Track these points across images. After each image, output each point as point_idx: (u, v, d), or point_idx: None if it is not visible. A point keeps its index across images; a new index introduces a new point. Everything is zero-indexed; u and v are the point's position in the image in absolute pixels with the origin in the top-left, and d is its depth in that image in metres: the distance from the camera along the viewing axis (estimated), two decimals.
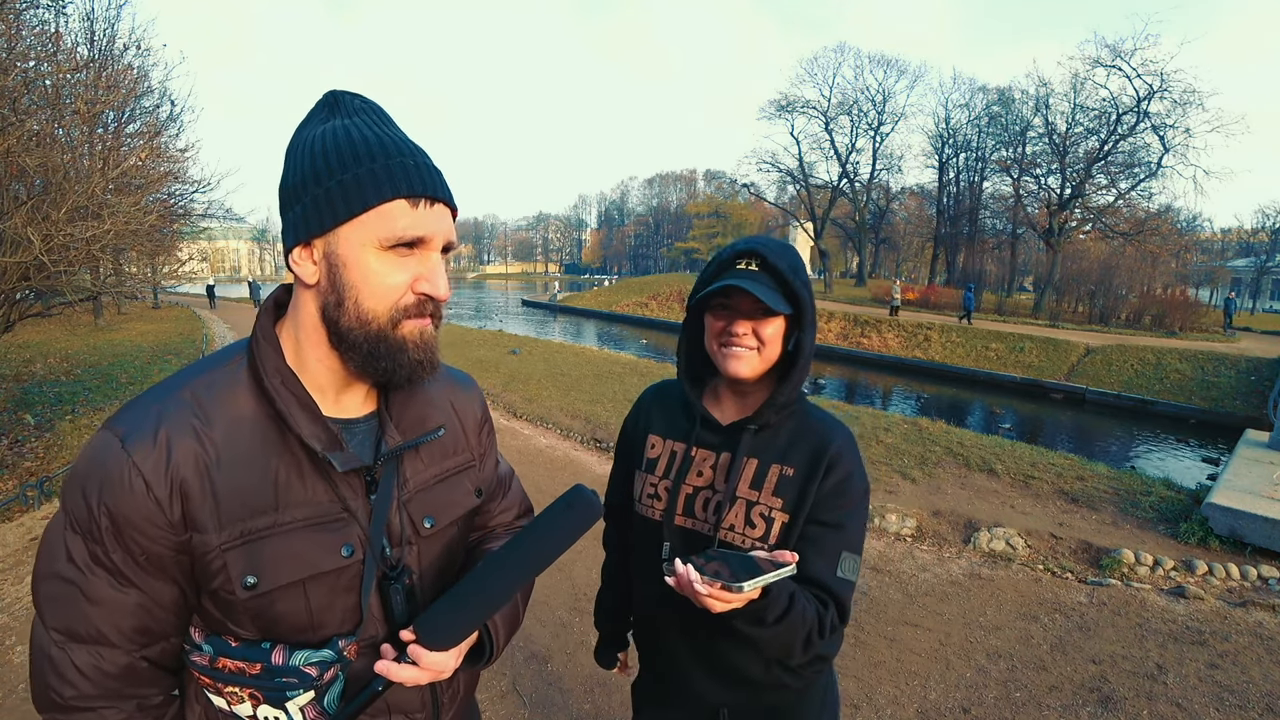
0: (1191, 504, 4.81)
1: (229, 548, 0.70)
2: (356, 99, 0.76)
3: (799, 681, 1.16)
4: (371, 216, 0.69)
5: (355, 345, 0.73)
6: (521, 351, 13.24)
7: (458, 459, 0.91)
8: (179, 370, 0.78)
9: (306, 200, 0.71)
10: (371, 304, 0.71)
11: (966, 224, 36.83)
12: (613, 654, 1.45)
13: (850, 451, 1.13)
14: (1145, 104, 25.23)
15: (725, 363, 1.12)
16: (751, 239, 1.12)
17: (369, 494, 0.79)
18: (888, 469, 5.76)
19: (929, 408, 14.24)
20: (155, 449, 0.68)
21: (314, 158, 0.71)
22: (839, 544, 1.09)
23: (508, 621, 0.91)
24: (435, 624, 0.76)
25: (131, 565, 0.70)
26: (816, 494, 1.09)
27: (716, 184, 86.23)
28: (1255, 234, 49.12)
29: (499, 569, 0.76)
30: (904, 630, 3.27)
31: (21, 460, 5.53)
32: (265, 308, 0.79)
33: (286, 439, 0.74)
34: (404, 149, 0.72)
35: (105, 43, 11.22)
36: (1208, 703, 2.71)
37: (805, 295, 1.09)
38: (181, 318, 21.78)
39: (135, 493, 0.67)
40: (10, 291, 5.17)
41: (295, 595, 0.74)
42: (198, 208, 11.32)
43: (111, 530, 0.68)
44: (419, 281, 0.73)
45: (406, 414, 0.85)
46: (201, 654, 0.77)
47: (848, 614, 1.09)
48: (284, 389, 0.74)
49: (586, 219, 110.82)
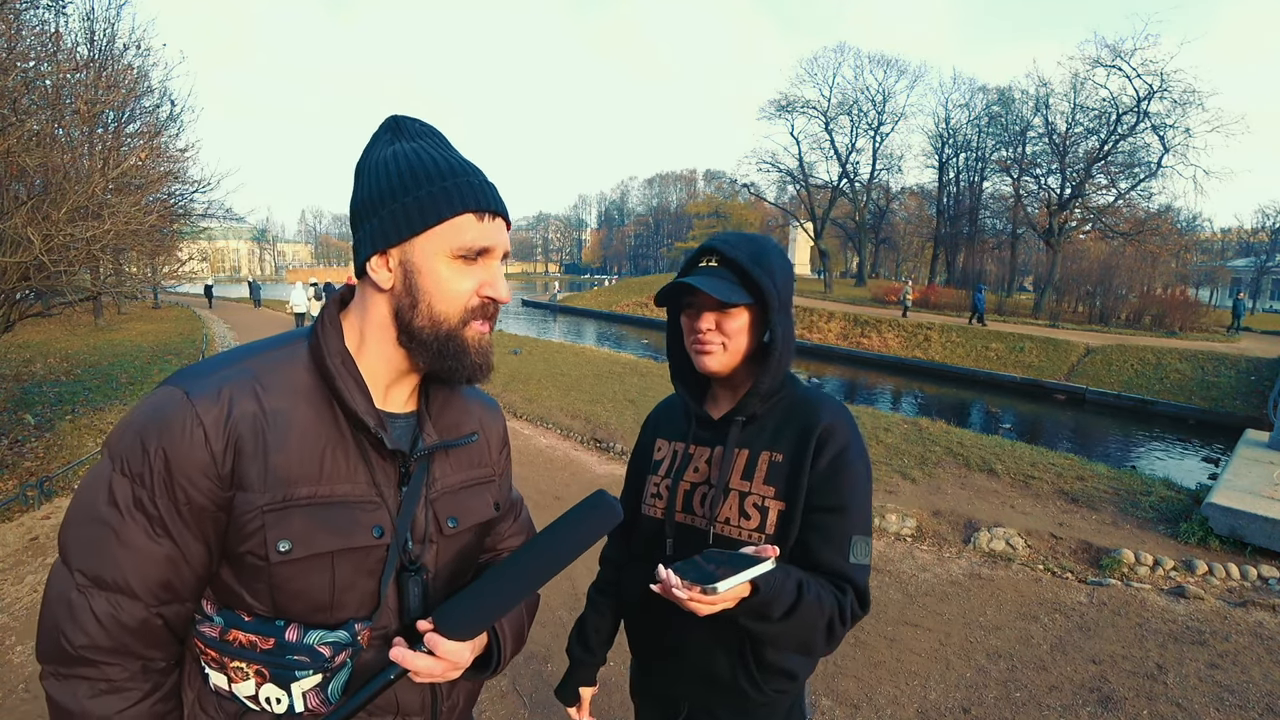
0: (1191, 504, 4.82)
1: (270, 509, 0.74)
2: (416, 123, 0.83)
3: (760, 695, 1.14)
4: (444, 228, 0.77)
5: (426, 344, 0.80)
6: (522, 351, 13.25)
7: (482, 471, 0.96)
8: (237, 346, 0.84)
9: (384, 214, 0.78)
10: (443, 307, 0.79)
11: (966, 224, 36.81)
12: (576, 689, 1.33)
13: (843, 427, 1.11)
14: (1145, 104, 25.23)
15: (696, 360, 1.15)
16: (714, 236, 1.14)
17: (400, 485, 0.83)
18: (888, 469, 5.76)
19: (929, 408, 14.23)
20: (218, 404, 0.73)
21: (389, 177, 0.78)
22: (845, 528, 1.07)
23: (515, 634, 0.93)
24: (454, 615, 0.78)
25: (173, 514, 0.72)
26: (811, 476, 1.08)
27: (716, 184, 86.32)
28: (1255, 234, 49.13)
29: (518, 566, 0.79)
30: (904, 630, 3.27)
31: (21, 460, 5.53)
32: (333, 301, 0.86)
33: (337, 418, 0.79)
34: (468, 169, 0.81)
35: (105, 43, 11.22)
36: (1208, 703, 2.72)
37: (768, 283, 1.09)
38: (181, 318, 21.78)
39: (194, 441, 0.71)
40: (10, 291, 5.17)
41: (323, 568, 0.76)
42: (198, 208, 11.32)
43: (164, 476, 0.71)
44: (484, 286, 0.81)
45: (444, 417, 0.91)
46: (212, 625, 0.78)
47: (868, 600, 1.08)
48: (344, 369, 0.80)
49: (586, 219, 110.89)
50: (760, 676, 1.13)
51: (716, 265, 1.12)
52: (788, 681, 1.17)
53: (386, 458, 0.82)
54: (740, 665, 1.13)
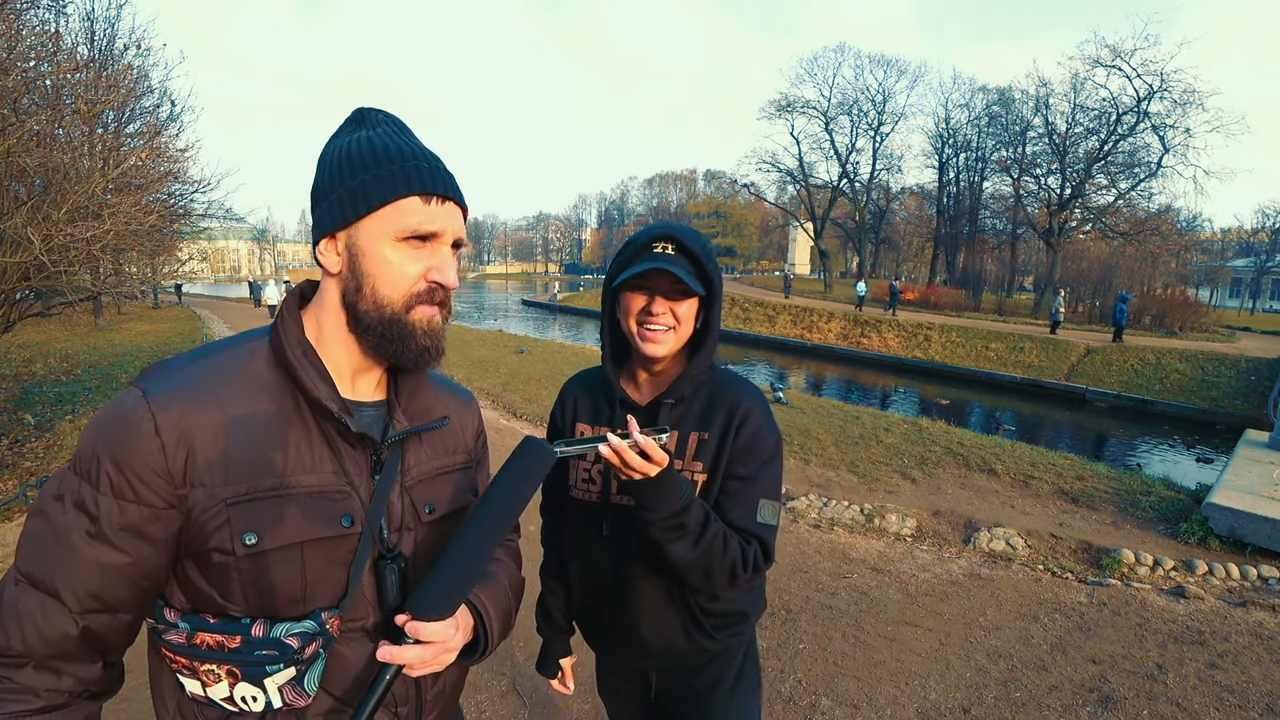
0: (1191, 504, 4.81)
1: (234, 502, 0.73)
2: (380, 114, 0.85)
3: (715, 645, 1.25)
4: (389, 211, 0.78)
5: (370, 328, 0.80)
6: (528, 350, 13.27)
7: (457, 457, 0.97)
8: (201, 345, 0.84)
9: (333, 198, 0.79)
10: (386, 290, 0.79)
11: (966, 224, 36.81)
12: (555, 661, 1.45)
13: (759, 408, 1.22)
14: (1145, 104, 25.24)
15: (643, 344, 1.18)
16: (665, 224, 1.19)
17: (373, 474, 0.83)
18: (888, 469, 5.76)
19: (929, 408, 14.23)
20: (173, 400, 0.73)
21: (340, 162, 0.80)
22: (755, 493, 1.18)
23: (501, 613, 0.92)
24: (426, 595, 0.78)
25: (112, 518, 0.71)
26: (730, 450, 1.18)
27: (716, 184, 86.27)
28: (1255, 234, 49.12)
29: (473, 528, 0.80)
30: (904, 630, 3.27)
31: (21, 460, 5.53)
32: (291, 294, 0.86)
33: (300, 409, 0.79)
34: (419, 154, 0.81)
35: (105, 43, 11.23)
36: (1208, 703, 2.71)
37: (716, 278, 1.19)
38: (181, 317, 21.78)
39: (143, 435, 0.71)
40: (10, 291, 5.17)
41: (292, 560, 0.76)
42: (198, 208, 11.33)
43: (112, 473, 0.71)
44: (431, 271, 0.81)
45: (413, 404, 0.90)
46: (178, 632, 0.76)
47: (771, 554, 1.19)
48: (304, 358, 0.80)
49: (586, 219, 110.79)
50: (710, 624, 1.24)
51: (674, 253, 1.15)
52: (740, 623, 1.28)
53: (356, 446, 0.82)
54: (692, 622, 1.23)
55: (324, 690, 0.80)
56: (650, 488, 1.03)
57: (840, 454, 6.19)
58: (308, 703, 0.78)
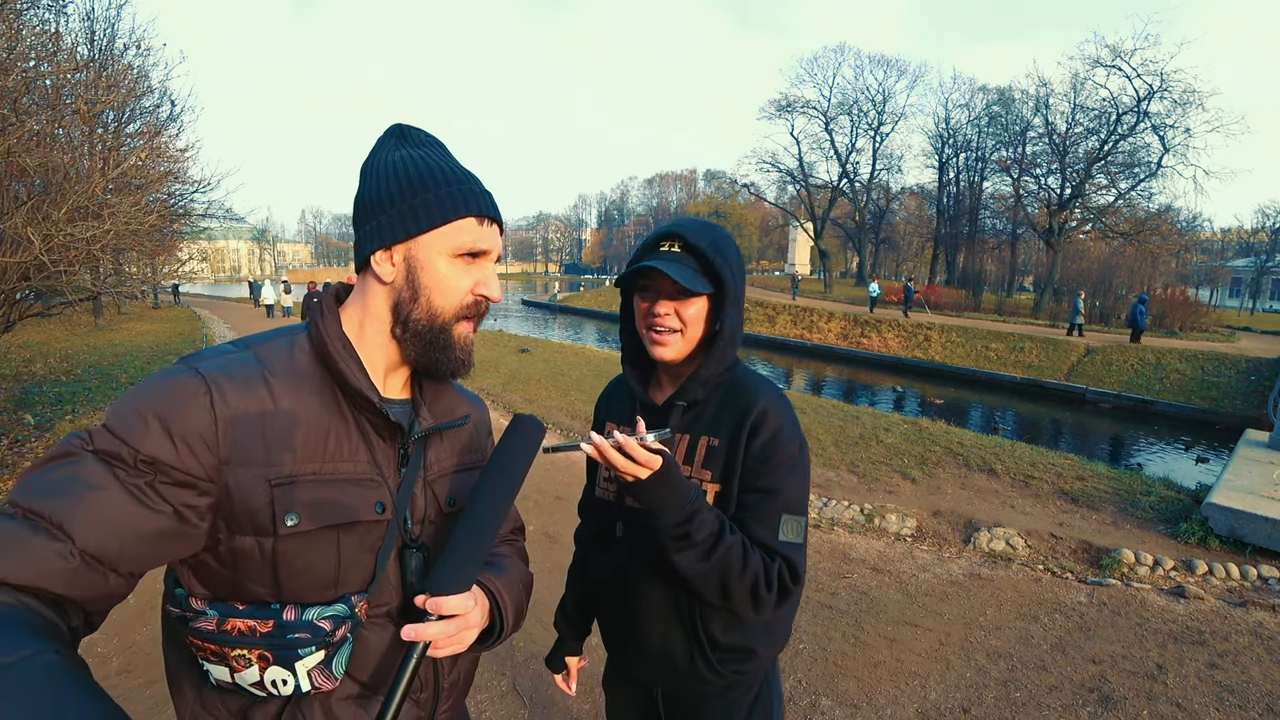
0: (1191, 504, 4.81)
1: (278, 483, 0.76)
2: (421, 133, 0.91)
3: (718, 678, 1.16)
4: (449, 229, 0.85)
5: (419, 334, 0.86)
6: (529, 350, 13.28)
7: (474, 456, 1.02)
8: (236, 339, 0.87)
9: (393, 213, 0.84)
10: (441, 301, 0.86)
11: (966, 224, 36.80)
12: (562, 659, 1.44)
13: (776, 409, 1.12)
14: (1145, 104, 25.26)
15: (651, 347, 1.15)
16: (675, 220, 1.15)
17: (400, 467, 0.88)
18: (888, 469, 5.76)
19: (929, 408, 14.23)
20: (228, 380, 0.76)
21: (397, 179, 0.85)
22: (776, 508, 1.08)
23: (514, 603, 0.95)
24: (442, 573, 0.82)
25: (147, 470, 0.69)
26: (745, 458, 1.10)
27: (716, 184, 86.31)
28: (1255, 234, 49.12)
29: (478, 505, 0.85)
30: (904, 630, 3.27)
31: (21, 460, 5.52)
32: (329, 294, 0.91)
33: (338, 401, 0.84)
34: (470, 177, 0.89)
35: (105, 43, 11.23)
36: (1208, 703, 2.71)
37: (728, 273, 1.11)
38: (181, 318, 21.78)
39: (199, 405, 0.73)
40: (10, 291, 5.17)
41: (329, 543, 0.79)
42: (198, 208, 11.33)
43: (156, 431, 0.70)
44: (479, 285, 0.88)
45: (437, 404, 0.97)
46: (206, 619, 0.77)
47: (800, 576, 1.08)
48: (345, 352, 0.84)
49: (586, 219, 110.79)
50: (715, 656, 1.15)
51: (679, 250, 1.11)
52: (745, 660, 1.17)
53: (386, 439, 0.87)
54: (695, 647, 1.15)
55: (348, 674, 0.82)
56: (647, 490, 0.99)
57: (840, 454, 6.19)
58: (335, 685, 0.80)
